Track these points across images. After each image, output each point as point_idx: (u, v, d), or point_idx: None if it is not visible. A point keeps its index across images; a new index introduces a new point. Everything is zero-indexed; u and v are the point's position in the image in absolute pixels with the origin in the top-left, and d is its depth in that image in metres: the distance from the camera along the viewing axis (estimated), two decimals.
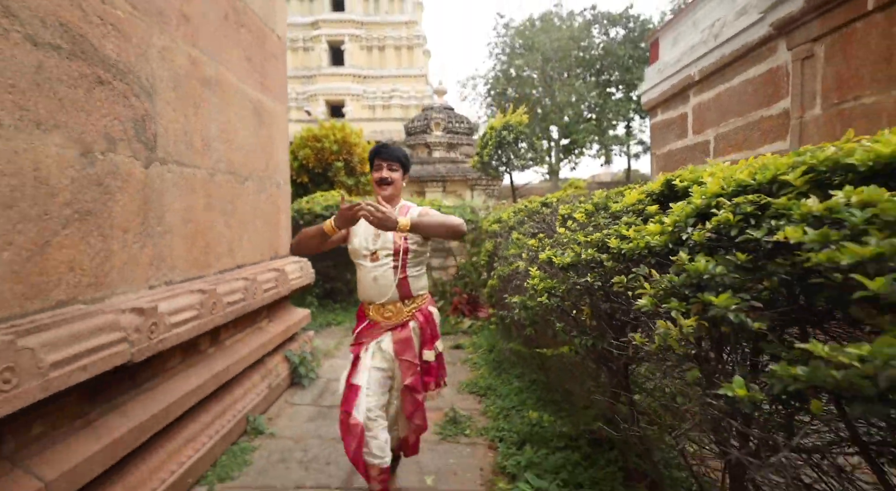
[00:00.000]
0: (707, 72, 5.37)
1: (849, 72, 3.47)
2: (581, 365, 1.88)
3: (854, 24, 3.39)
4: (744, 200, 0.97)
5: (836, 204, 0.76)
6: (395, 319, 1.99)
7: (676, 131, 6.23)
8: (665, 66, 6.41)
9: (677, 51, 6.18)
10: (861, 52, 3.35)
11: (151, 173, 2.18)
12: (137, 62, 2.09)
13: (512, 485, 2.18)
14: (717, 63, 5.11)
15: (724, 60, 5.00)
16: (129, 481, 1.84)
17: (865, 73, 3.32)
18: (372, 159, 2.03)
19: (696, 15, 5.77)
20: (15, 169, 1.49)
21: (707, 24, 5.45)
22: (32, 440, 1.54)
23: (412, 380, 1.94)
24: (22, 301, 1.52)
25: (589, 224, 1.78)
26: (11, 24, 1.48)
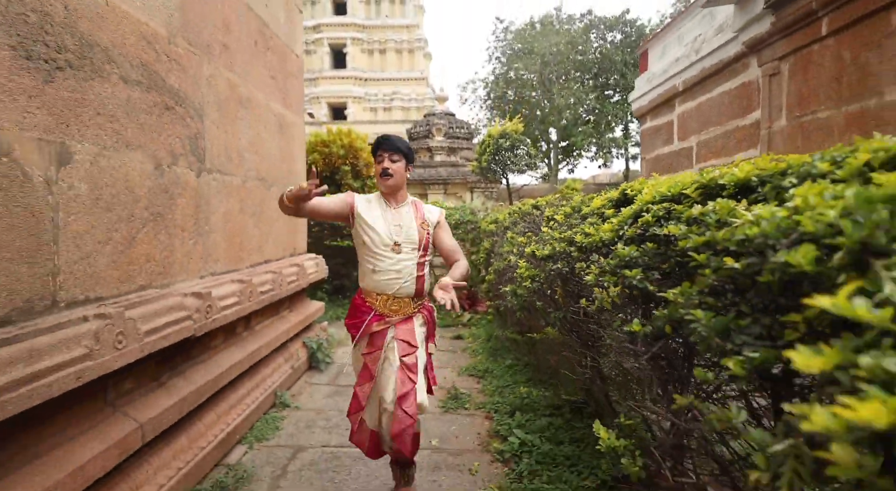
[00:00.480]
0: (690, 83, 5.79)
1: (808, 89, 3.89)
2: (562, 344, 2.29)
3: (812, 46, 3.81)
4: (658, 207, 1.39)
5: (704, 210, 1.18)
6: (400, 313, 2.01)
7: (663, 137, 6.65)
8: (653, 76, 6.83)
9: (664, 62, 6.60)
10: (817, 72, 3.77)
11: (201, 182, 2.60)
12: (192, 89, 2.51)
13: (504, 443, 2.60)
14: (699, 75, 5.53)
15: (705, 73, 5.41)
16: (191, 433, 2.27)
17: (821, 90, 3.74)
18: (375, 152, 2.02)
19: (680, 30, 6.19)
20: (113, 181, 1.91)
21: (690, 39, 5.87)
22: (125, 393, 1.96)
23: (409, 360, 1.94)
24: (118, 284, 1.94)
25: (565, 224, 2.20)
26: (112, 68, 1.90)
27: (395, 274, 1.96)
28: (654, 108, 6.85)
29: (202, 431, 2.35)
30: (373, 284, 2.00)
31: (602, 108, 18.80)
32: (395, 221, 1.99)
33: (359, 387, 2.01)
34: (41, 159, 1.58)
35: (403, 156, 2.00)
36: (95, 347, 1.60)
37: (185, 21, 2.44)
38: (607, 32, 19.36)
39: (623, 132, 19.80)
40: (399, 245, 1.96)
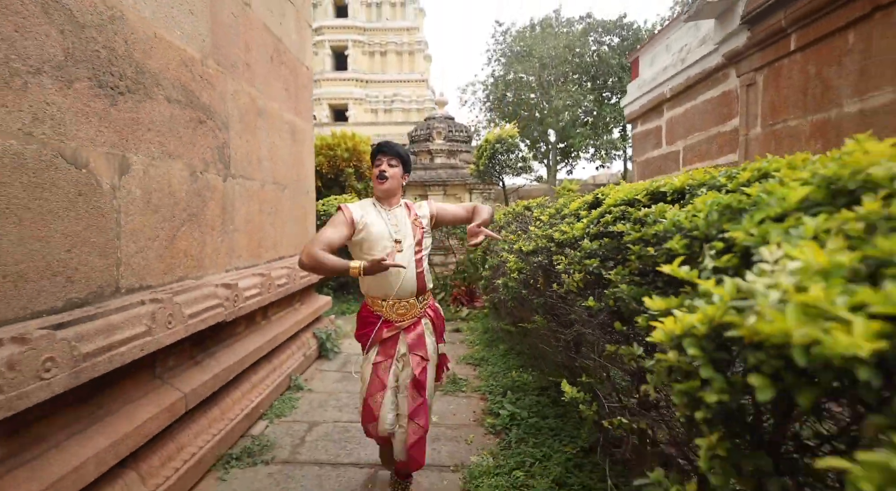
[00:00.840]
0: (676, 91, 6.11)
1: (780, 99, 4.21)
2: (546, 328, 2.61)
3: (782, 60, 4.14)
4: (616, 209, 1.72)
5: (647, 212, 1.51)
6: (408, 317, 2.01)
7: (653, 141, 6.97)
8: (643, 82, 7.15)
9: (654, 70, 6.93)
10: (787, 84, 4.09)
11: (227, 186, 2.93)
12: (219, 104, 2.83)
13: (496, 419, 2.93)
14: (684, 84, 5.86)
15: (690, 82, 5.74)
16: (222, 406, 2.59)
17: (790, 101, 4.06)
18: (374, 157, 2.05)
19: (668, 39, 6.51)
20: (160, 186, 2.24)
21: (677, 49, 6.19)
22: (169, 369, 2.28)
23: (420, 372, 1.99)
24: (163, 275, 2.27)
25: (548, 223, 2.53)
26: (159, 90, 2.23)
27: (396, 274, 1.96)
28: (645, 113, 7.17)
29: (230, 405, 2.68)
30: (376, 287, 1.99)
31: (600, 110, 19.13)
32: (391, 221, 2.01)
33: (370, 397, 1.99)
34: (108, 170, 1.90)
35: (401, 162, 2.04)
36: (152, 325, 1.93)
37: (215, 44, 2.77)
38: (605, 36, 19.68)
39: (621, 134, 20.12)
40: (400, 242, 1.97)
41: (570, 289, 1.61)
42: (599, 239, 1.73)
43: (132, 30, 2.04)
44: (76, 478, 1.55)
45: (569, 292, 1.65)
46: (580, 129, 19.59)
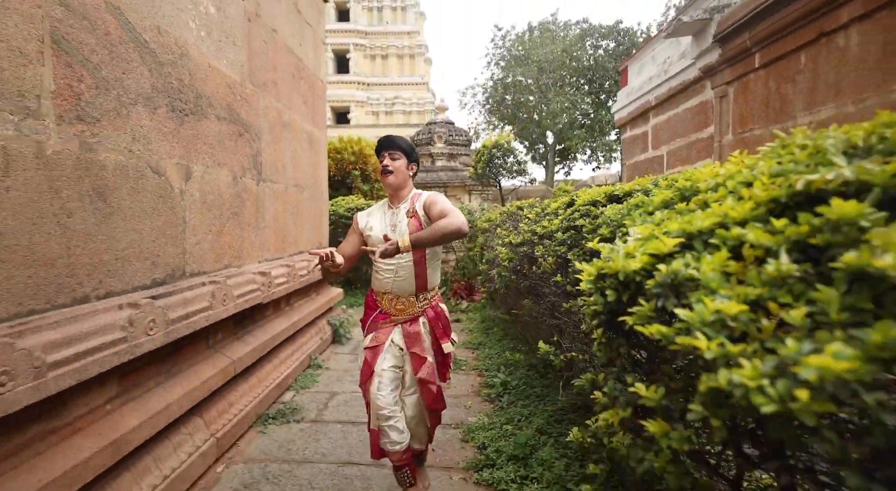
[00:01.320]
0: (661, 99, 6.59)
1: (747, 110, 4.69)
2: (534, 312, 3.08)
3: (749, 75, 4.62)
4: (583, 208, 2.20)
5: (602, 211, 1.99)
6: (406, 313, 2.02)
7: (640, 146, 7.45)
8: (632, 90, 7.63)
9: (641, 79, 7.41)
10: (753, 97, 4.57)
11: (259, 189, 3.40)
12: (253, 119, 3.31)
13: (491, 389, 3.40)
14: (667, 93, 6.33)
15: (672, 91, 6.22)
16: (259, 375, 3.07)
17: (755, 112, 4.54)
18: (378, 154, 2.06)
19: (654, 51, 6.99)
20: (212, 190, 2.72)
21: (661, 60, 6.67)
22: (218, 341, 2.76)
23: (426, 373, 1.97)
24: (213, 263, 2.74)
25: (534, 220, 3.01)
26: (211, 110, 2.71)
27: (392, 272, 1.97)
28: (633, 119, 7.65)
29: (264, 375, 3.16)
30: (377, 284, 2.05)
31: (597, 113, 19.62)
32: (391, 222, 2.01)
33: (362, 385, 2.05)
34: (178, 177, 2.38)
35: (404, 154, 2.02)
36: (213, 302, 2.41)
37: (251, 68, 3.24)
38: (601, 40, 20.17)
39: (617, 136, 20.62)
40: (387, 237, 1.89)
41: (545, 270, 2.09)
42: (568, 231, 2.21)
43: (195, 63, 2.52)
44: (166, 414, 2.02)
45: (544, 272, 2.13)
46: (577, 132, 20.10)
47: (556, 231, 2.34)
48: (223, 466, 2.40)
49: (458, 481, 2.30)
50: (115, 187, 1.93)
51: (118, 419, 1.81)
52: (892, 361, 0.54)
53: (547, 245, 2.23)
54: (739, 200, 0.87)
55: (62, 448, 1.57)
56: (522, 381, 3.39)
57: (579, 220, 2.05)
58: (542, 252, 2.22)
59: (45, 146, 1.61)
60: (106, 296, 1.86)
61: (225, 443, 2.48)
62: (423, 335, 2.02)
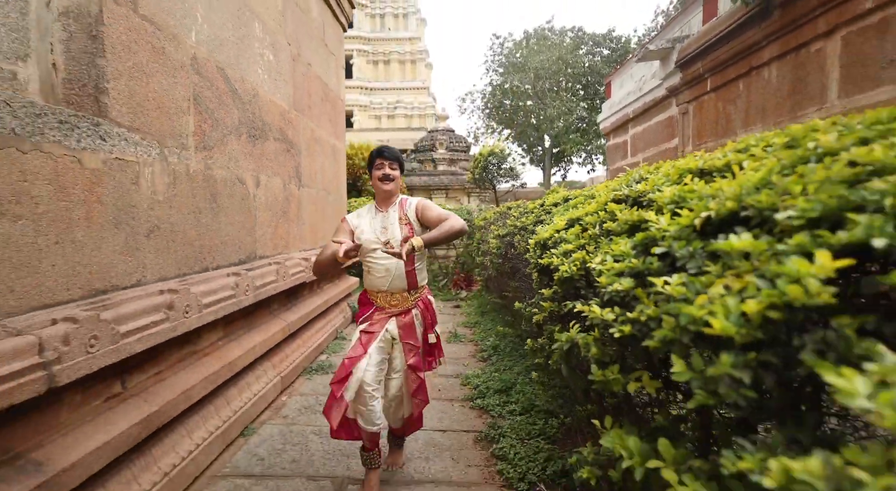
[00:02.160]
0: (637, 112, 7.45)
1: (703, 126, 5.55)
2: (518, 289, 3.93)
3: (703, 96, 5.48)
4: (549, 207, 3.07)
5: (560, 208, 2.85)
6: (399, 307, 2.16)
7: (621, 153, 8.32)
8: (614, 103, 8.50)
9: (622, 93, 8.28)
10: (706, 115, 5.44)
11: (300, 193, 4.27)
12: (295, 137, 4.17)
13: (483, 352, 4.25)
14: (642, 107, 7.20)
15: (646, 106, 7.08)
16: (303, 337, 3.93)
17: (708, 128, 5.41)
18: (373, 159, 2.16)
19: (632, 69, 7.86)
20: (270, 194, 3.58)
21: (638, 78, 7.54)
22: (274, 310, 3.61)
23: (415, 360, 2.13)
24: (272, 250, 3.60)
25: (517, 217, 3.87)
26: (270, 133, 3.57)
27: (385, 272, 2.10)
28: (615, 129, 8.52)
29: (307, 339, 4.02)
30: (370, 283, 2.19)
31: (591, 118, 20.48)
32: (381, 224, 2.12)
33: (348, 359, 2.07)
34: (252, 185, 3.24)
35: (399, 165, 2.17)
36: (277, 277, 3.27)
37: (295, 97, 4.11)
38: (595, 48, 21.04)
39: None
40: (389, 243, 2.06)
41: (520, 251, 2.95)
42: (538, 224, 3.07)
43: (262, 100, 3.39)
44: (252, 353, 2.88)
45: (519, 253, 2.99)
46: (573, 136, 20.97)
47: (530, 224, 3.20)
48: (286, 396, 3.26)
49: (459, 408, 3.16)
50: (220, 193, 2.80)
51: (227, 351, 2.67)
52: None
53: (522, 234, 3.10)
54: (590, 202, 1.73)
55: (203, 363, 2.43)
56: (508, 346, 4.25)
57: (543, 216, 2.91)
58: (518, 239, 3.09)
59: (190, 167, 2.47)
60: (217, 268, 2.73)
61: (286, 381, 3.35)
62: (416, 326, 2.18)
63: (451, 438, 2.71)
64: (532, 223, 3.12)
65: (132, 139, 2.04)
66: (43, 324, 1.49)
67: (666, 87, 6.24)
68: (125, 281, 1.99)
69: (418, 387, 2.18)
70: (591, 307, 1.07)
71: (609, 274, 1.06)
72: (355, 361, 2.04)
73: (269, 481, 2.24)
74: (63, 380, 1.47)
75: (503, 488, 2.20)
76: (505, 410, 2.98)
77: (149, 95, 2.15)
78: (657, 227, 1.03)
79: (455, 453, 2.53)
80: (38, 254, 1.58)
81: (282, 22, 3.79)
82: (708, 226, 0.91)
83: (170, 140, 2.31)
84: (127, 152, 2.00)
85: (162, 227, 2.24)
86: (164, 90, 2.26)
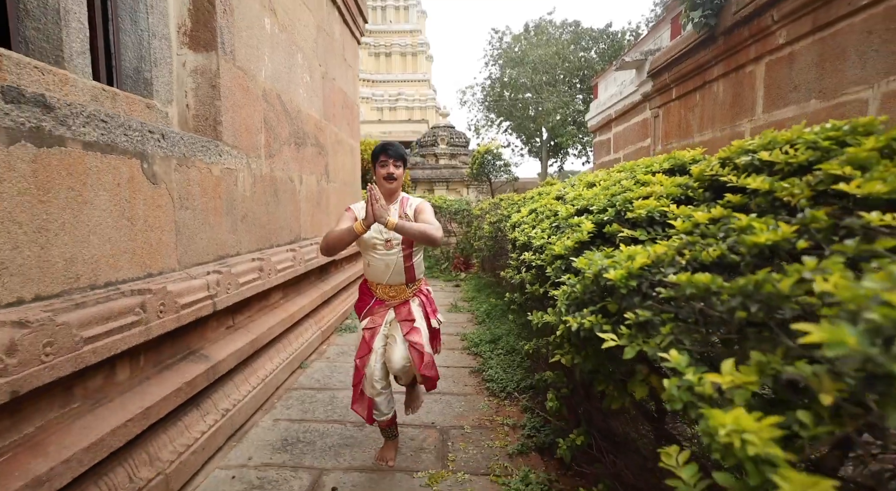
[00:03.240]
0: (619, 113, 8.33)
1: (669, 128, 6.44)
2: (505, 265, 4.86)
3: (670, 103, 6.36)
4: (520, 200, 3.99)
5: None
6: (398, 298, 2.27)
7: (606, 149, 9.20)
8: (600, 103, 9.36)
9: (607, 94, 9.13)
10: (672, 119, 6.33)
11: (328, 187, 5.18)
12: (325, 141, 5.07)
13: (478, 316, 5.20)
14: (622, 109, 8.07)
15: (625, 108, 7.96)
16: (334, 304, 4.88)
17: (673, 131, 6.30)
18: (377, 155, 2.17)
19: (615, 74, 8.71)
20: (309, 189, 4.50)
21: (619, 82, 8.40)
22: (313, 281, 4.55)
23: (415, 336, 2.17)
24: (311, 233, 4.53)
25: (505, 208, 4.80)
26: (308, 140, 4.48)
27: (385, 267, 2.18)
28: (601, 127, 9.39)
29: (337, 305, 4.97)
30: (370, 276, 2.29)
31: (587, 112, 21.28)
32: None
33: (359, 359, 2.22)
34: (297, 182, 4.16)
35: (403, 163, 2.20)
36: (318, 254, 4.21)
37: (323, 108, 5.01)
38: (591, 43, 21.75)
39: None
40: (391, 241, 2.15)
41: (506, 234, 3.87)
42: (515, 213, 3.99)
43: (304, 114, 4.29)
44: (302, 311, 3.82)
45: (505, 235, 3.92)
46: (569, 128, 21.78)
47: (508, 213, 4.12)
48: (325, 346, 4.22)
49: (458, 354, 4.11)
50: (279, 190, 3.72)
51: (287, 307, 3.62)
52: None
53: (505, 221, 4.02)
54: (541, 198, 2.66)
55: (274, 313, 3.37)
56: (497, 313, 5.20)
57: (518, 206, 3.83)
58: (504, 224, 4.01)
59: (262, 171, 3.39)
60: (279, 245, 3.66)
61: (324, 335, 4.30)
62: (415, 312, 2.25)
63: (453, 371, 3.66)
64: (509, 214, 4.04)
65: (233, 153, 2.96)
66: (201, 274, 2.42)
67: (641, 92, 7.10)
68: (231, 251, 2.92)
69: (423, 363, 2.16)
70: (527, 254, 2.01)
71: (537, 238, 1.99)
72: (365, 360, 2.20)
73: (326, 391, 3.21)
74: (219, 307, 2.42)
75: (489, 396, 3.15)
76: (493, 353, 3.93)
77: (240, 122, 3.06)
78: (560, 214, 1.96)
79: (456, 380, 3.48)
80: (197, 231, 2.52)
81: (315, 48, 4.67)
82: (578, 213, 1.84)
83: (251, 152, 3.23)
84: (231, 163, 2.92)
85: (248, 215, 3.17)
86: (248, 116, 3.17)
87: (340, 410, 2.94)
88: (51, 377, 1.45)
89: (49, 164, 1.60)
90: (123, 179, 1.96)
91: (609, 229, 1.46)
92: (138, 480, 1.80)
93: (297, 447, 2.49)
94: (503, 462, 2.34)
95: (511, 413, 2.88)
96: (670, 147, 6.41)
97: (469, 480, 2.20)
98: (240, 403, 2.63)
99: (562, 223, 1.88)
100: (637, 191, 1.57)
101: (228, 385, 2.62)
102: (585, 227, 1.54)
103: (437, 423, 2.80)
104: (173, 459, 2.02)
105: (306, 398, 3.12)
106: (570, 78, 22.04)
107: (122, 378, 1.92)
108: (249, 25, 3.15)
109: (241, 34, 3.04)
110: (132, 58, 2.48)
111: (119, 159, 1.94)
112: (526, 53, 21.85)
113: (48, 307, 1.51)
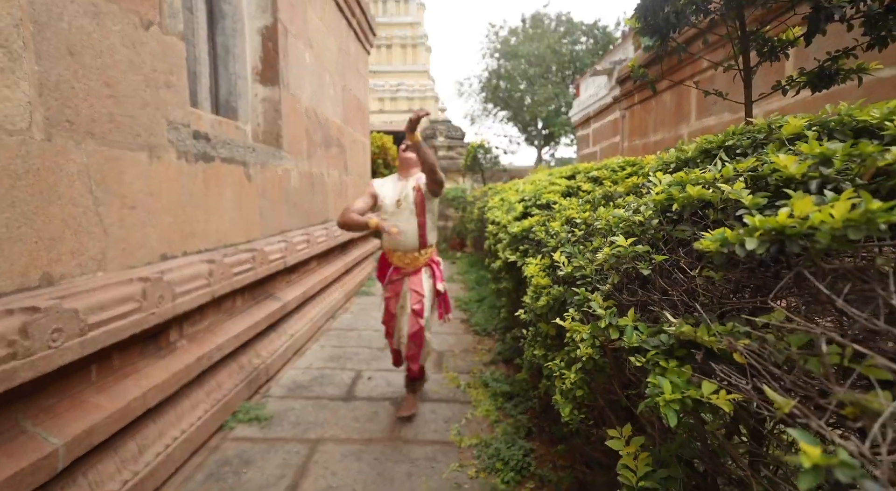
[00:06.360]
0: (596, 111, 9.42)
1: (634, 128, 7.56)
2: None
3: (634, 106, 7.47)
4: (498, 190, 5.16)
5: None
6: (412, 265, 2.66)
7: (586, 143, 10.31)
8: (582, 102, 10.44)
9: (587, 94, 10.21)
10: (635, 120, 7.44)
11: (347, 178, 6.31)
12: (344, 141, 6.19)
13: (468, 285, 6.38)
14: (598, 108, 9.17)
15: (601, 108, 9.05)
16: (353, 273, 6.06)
17: (636, 130, 7.41)
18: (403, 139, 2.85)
19: (595, 76, 9.78)
20: (333, 181, 5.64)
21: (596, 85, 9.48)
22: (337, 255, 5.71)
23: (419, 306, 2.60)
24: (335, 215, 5.67)
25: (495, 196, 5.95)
26: (333, 142, 5.61)
27: (399, 232, 2.55)
28: (582, 123, 10.49)
29: (355, 274, 6.15)
30: (387, 243, 2.70)
31: None
32: (402, 189, 2.63)
33: (386, 324, 2.83)
34: (326, 176, 5.30)
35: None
36: (341, 232, 5.36)
37: (343, 114, 6.12)
38: (581, 38, 22.66)
39: None
40: (400, 202, 2.58)
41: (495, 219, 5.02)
42: None
43: (330, 122, 5.41)
44: (330, 278, 4.99)
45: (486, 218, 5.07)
46: (562, 118, 22.77)
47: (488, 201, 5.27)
48: (349, 304, 5.41)
49: (453, 311, 5.28)
50: (314, 183, 4.86)
51: (322, 272, 4.78)
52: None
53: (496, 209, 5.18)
54: (507, 191, 3.81)
55: (314, 275, 4.54)
56: (483, 282, 6.38)
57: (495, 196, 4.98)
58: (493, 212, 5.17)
59: (304, 169, 4.53)
60: (315, 225, 4.81)
61: (347, 296, 5.49)
62: (424, 279, 2.66)
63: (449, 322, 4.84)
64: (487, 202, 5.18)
65: (287, 158, 4.09)
66: (275, 242, 3.57)
67: (612, 96, 8.19)
68: (286, 228, 4.07)
69: (415, 332, 2.58)
70: (491, 226, 3.17)
71: (505, 219, 3.15)
72: (391, 322, 2.77)
73: (354, 331, 4.40)
74: (288, 264, 3.59)
75: (474, 335, 4.35)
76: (478, 309, 5.12)
77: (292, 134, 4.18)
78: (511, 201, 3.12)
79: (450, 327, 4.67)
80: (270, 214, 3.66)
81: (336, 67, 5.77)
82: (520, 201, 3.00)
83: (298, 155, 4.36)
84: (287, 165, 4.06)
85: (297, 203, 4.32)
86: (296, 129, 4.29)
87: (366, 341, 4.13)
88: (223, 290, 2.62)
89: (207, 173, 2.75)
90: (236, 180, 3.11)
91: (531, 210, 2.62)
92: (255, 362, 2.99)
93: (341, 360, 3.68)
94: (480, 367, 3.53)
95: (488, 345, 4.08)
96: (634, 143, 7.53)
97: (458, 375, 3.39)
98: (299, 332, 3.81)
99: (510, 206, 3.03)
100: (549, 188, 2.72)
101: (293, 319, 3.81)
102: (518, 208, 2.69)
103: (436, 350, 4.00)
104: (267, 358, 3.20)
105: (341, 335, 4.31)
106: (562, 70, 22.97)
107: (238, 304, 3.09)
108: (297, 62, 4.27)
109: (292, 70, 4.15)
110: (224, 93, 3.60)
111: (236, 167, 3.09)
112: (519, 47, 22.74)
113: (214, 254, 2.68)
